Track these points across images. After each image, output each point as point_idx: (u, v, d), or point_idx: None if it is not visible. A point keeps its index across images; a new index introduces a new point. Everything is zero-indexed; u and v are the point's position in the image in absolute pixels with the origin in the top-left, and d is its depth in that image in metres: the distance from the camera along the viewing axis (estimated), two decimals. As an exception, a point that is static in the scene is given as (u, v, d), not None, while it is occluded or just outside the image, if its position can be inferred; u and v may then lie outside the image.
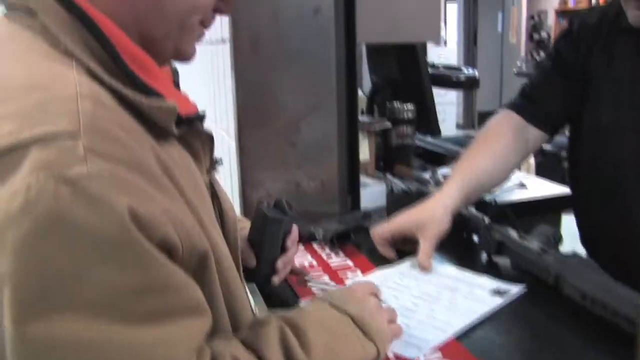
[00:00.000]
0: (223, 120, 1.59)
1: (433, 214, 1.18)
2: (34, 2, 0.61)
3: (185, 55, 0.71)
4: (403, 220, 1.20)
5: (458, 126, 9.53)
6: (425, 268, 1.13)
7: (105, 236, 0.51)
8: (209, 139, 0.76)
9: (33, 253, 0.49)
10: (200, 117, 0.72)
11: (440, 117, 2.23)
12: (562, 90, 1.32)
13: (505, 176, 1.36)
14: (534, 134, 1.34)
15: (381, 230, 1.21)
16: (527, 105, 1.35)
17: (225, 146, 1.55)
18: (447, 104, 7.23)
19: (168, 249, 0.56)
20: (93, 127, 0.53)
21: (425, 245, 1.15)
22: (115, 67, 0.60)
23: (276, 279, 1.00)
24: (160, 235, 0.55)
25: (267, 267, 0.97)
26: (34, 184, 0.49)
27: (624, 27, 1.21)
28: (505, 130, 1.33)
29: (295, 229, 1.03)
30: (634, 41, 1.20)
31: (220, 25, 1.51)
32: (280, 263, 0.99)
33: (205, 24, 0.72)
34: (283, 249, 1.00)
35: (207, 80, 1.84)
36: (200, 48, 0.74)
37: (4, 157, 0.50)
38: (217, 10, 0.72)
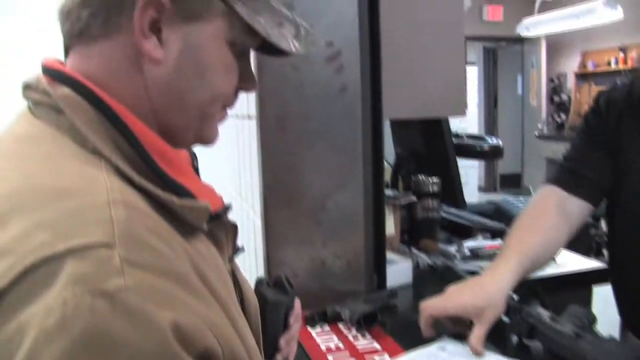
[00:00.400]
0: (249, 197, 1.59)
1: (491, 298, 1.15)
2: (62, 100, 0.61)
3: (208, 141, 0.72)
4: (460, 302, 1.17)
5: (480, 189, 9.52)
6: (478, 352, 1.11)
7: (146, 352, 0.49)
8: (233, 229, 0.76)
9: None
10: (227, 210, 0.72)
11: (462, 180, 2.21)
12: (598, 161, 1.33)
13: (553, 254, 1.36)
14: (578, 205, 1.33)
15: (435, 310, 1.17)
16: (567, 177, 1.35)
17: (251, 223, 1.54)
18: (469, 167, 7.23)
19: (209, 358, 0.55)
20: (127, 235, 0.52)
21: (480, 330, 1.12)
22: (143, 165, 0.61)
23: (279, 357, 0.98)
24: (202, 347, 0.54)
25: (270, 346, 0.96)
26: (70, 298, 0.47)
27: None
28: (550, 207, 1.33)
29: (297, 304, 1.00)
30: None
31: (247, 101, 1.52)
32: (282, 341, 0.97)
33: (228, 106, 0.73)
34: (286, 326, 0.98)
35: (232, 153, 1.85)
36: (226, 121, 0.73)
37: (37, 270, 0.49)
38: (240, 90, 0.73)
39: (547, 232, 1.30)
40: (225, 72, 0.68)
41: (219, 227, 0.71)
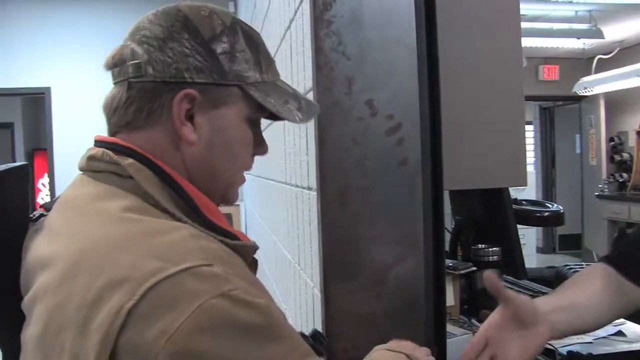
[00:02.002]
0: (307, 267, 1.58)
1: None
2: (129, 167, 0.78)
3: (231, 202, 0.90)
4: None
5: (538, 250, 9.25)
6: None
7: (260, 324, 0.69)
8: (256, 264, 0.92)
9: (226, 348, 0.65)
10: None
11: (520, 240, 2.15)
12: None
13: (599, 317, 1.23)
14: (631, 287, 1.22)
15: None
16: (624, 258, 1.26)
17: (310, 293, 1.53)
18: (527, 228, 7.03)
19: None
20: (216, 257, 0.71)
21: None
22: (196, 217, 0.78)
23: None
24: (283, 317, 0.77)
25: None
26: (200, 304, 0.64)
27: None
28: (599, 276, 1.24)
29: None
30: None
31: (308, 173, 1.54)
32: None
33: (246, 170, 0.91)
34: None
35: (291, 223, 1.86)
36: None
37: (158, 288, 0.64)
38: (255, 154, 0.92)
39: (590, 291, 1.21)
40: (247, 145, 0.88)
41: (252, 264, 0.89)
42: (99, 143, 0.84)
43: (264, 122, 0.94)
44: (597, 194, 8.20)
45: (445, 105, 1.44)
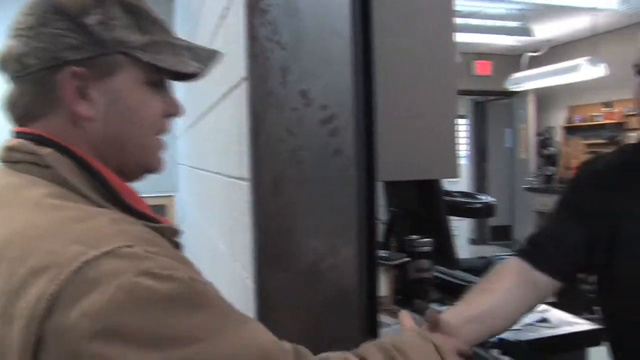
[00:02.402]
0: (239, 255, 1.57)
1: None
2: (49, 158, 0.79)
3: (155, 169, 0.92)
4: None
5: (471, 242, 9.50)
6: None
7: (183, 294, 0.69)
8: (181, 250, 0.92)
9: (150, 323, 0.66)
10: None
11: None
12: (577, 238, 1.31)
13: (509, 319, 1.30)
14: (543, 280, 1.31)
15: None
16: (533, 252, 1.35)
17: (241, 282, 1.52)
18: (460, 219, 7.22)
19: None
20: (138, 238, 0.72)
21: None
22: (118, 204, 0.80)
23: None
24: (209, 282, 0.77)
25: None
26: (120, 282, 0.65)
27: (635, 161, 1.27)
28: (509, 274, 1.33)
29: None
30: None
31: (240, 163, 1.52)
32: None
33: (161, 134, 0.91)
34: None
35: (223, 213, 1.84)
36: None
37: (82, 271, 0.65)
38: (169, 116, 0.92)
39: (499, 295, 1.28)
40: (147, 108, 0.87)
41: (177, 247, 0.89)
42: (19, 134, 0.84)
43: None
44: (526, 186, 8.48)
45: (379, 96, 1.45)
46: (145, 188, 1.02)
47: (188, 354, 0.67)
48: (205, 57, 0.92)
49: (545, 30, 6.73)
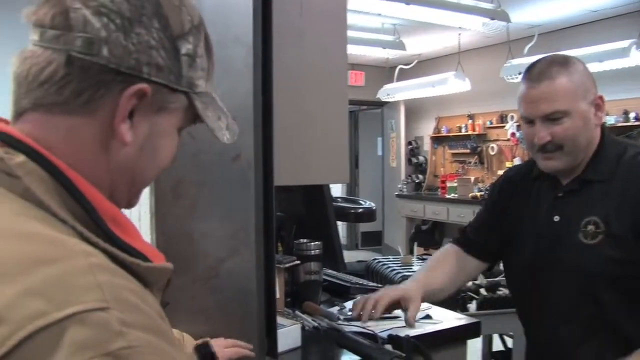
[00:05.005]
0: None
1: (415, 291, 1.63)
2: (18, 168, 0.63)
3: (132, 206, 0.79)
4: (399, 291, 1.64)
5: (343, 246, 9.64)
6: (412, 325, 1.58)
7: None
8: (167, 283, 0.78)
9: None
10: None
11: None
12: (488, 230, 1.72)
13: (449, 291, 1.77)
14: (473, 262, 1.76)
15: (388, 298, 1.59)
16: (465, 240, 1.79)
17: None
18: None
19: None
20: (117, 298, 0.57)
21: (413, 310, 1.58)
22: (99, 231, 0.64)
23: None
24: None
25: None
26: None
27: (535, 175, 1.61)
28: (450, 257, 1.77)
29: None
30: (545, 183, 1.59)
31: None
32: None
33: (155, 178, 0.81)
34: None
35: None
36: None
37: (38, 336, 0.52)
38: None
39: (445, 273, 1.73)
40: (170, 151, 0.77)
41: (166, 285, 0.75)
42: None
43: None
44: (396, 193, 8.84)
45: (277, 103, 1.49)
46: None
47: None
48: (232, 130, 0.83)
49: (415, 45, 7.08)
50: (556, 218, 1.52)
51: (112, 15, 0.67)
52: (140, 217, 1.47)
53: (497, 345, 3.23)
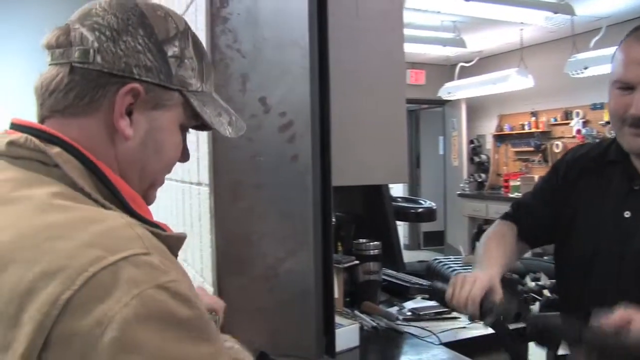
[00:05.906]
0: (196, 262, 1.58)
1: (496, 285, 1.42)
2: (58, 158, 0.76)
3: (148, 202, 0.89)
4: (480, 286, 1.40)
5: (405, 246, 9.65)
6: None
7: (195, 322, 0.68)
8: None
9: (163, 340, 0.64)
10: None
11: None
12: (548, 219, 1.54)
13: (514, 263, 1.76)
14: (520, 244, 1.61)
15: (484, 284, 1.39)
16: (518, 221, 1.62)
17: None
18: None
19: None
20: (154, 247, 0.70)
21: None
22: (125, 210, 0.78)
23: None
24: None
25: None
26: (138, 293, 0.63)
27: (611, 159, 1.43)
28: (507, 239, 1.60)
29: None
30: (619, 171, 1.41)
31: (198, 168, 1.54)
32: None
33: (168, 172, 0.92)
34: None
35: (177, 217, 1.84)
36: (168, 183, 0.87)
37: (99, 276, 0.63)
38: (179, 161, 0.92)
39: (507, 257, 1.56)
40: (173, 147, 0.88)
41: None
42: (20, 127, 0.81)
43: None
44: (458, 192, 8.71)
45: (334, 104, 1.50)
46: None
47: None
48: (237, 126, 0.94)
49: (476, 42, 6.96)
50: (627, 214, 1.36)
51: (102, 29, 0.80)
52: (200, 217, 1.51)
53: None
